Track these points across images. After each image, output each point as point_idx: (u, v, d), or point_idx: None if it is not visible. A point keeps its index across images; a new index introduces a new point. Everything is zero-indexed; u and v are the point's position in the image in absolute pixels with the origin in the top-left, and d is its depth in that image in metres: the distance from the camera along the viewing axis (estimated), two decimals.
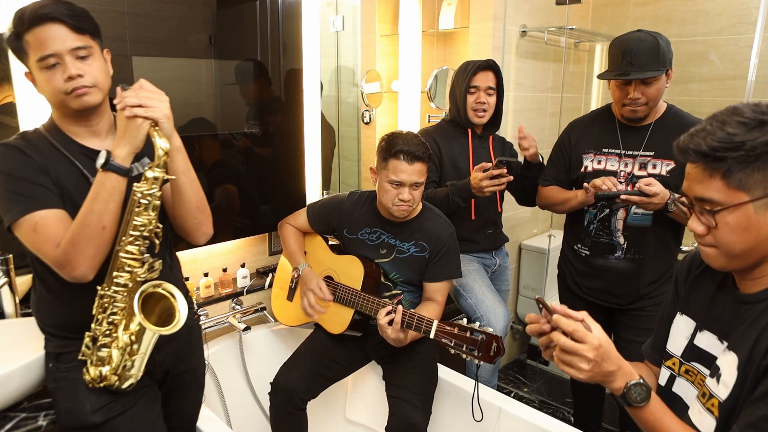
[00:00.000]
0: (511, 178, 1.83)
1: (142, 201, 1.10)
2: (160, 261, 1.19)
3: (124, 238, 1.11)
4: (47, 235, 1.08)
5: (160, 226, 1.15)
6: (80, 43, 1.09)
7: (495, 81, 2.05)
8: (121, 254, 1.12)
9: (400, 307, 1.58)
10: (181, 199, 1.22)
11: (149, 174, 1.09)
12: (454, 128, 2.13)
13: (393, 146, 1.65)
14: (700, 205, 0.90)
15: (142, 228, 1.11)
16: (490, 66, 2.05)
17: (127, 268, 1.12)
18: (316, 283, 1.82)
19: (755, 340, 0.89)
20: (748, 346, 0.89)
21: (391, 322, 1.57)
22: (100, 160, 1.06)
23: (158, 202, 1.12)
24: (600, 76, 1.77)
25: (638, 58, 1.65)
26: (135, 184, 1.10)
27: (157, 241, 1.14)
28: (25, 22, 1.06)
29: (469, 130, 2.11)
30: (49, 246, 1.08)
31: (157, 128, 1.09)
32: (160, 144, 1.09)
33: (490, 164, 1.84)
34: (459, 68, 2.11)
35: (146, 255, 1.14)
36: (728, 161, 0.84)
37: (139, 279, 1.14)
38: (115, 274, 1.13)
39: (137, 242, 1.12)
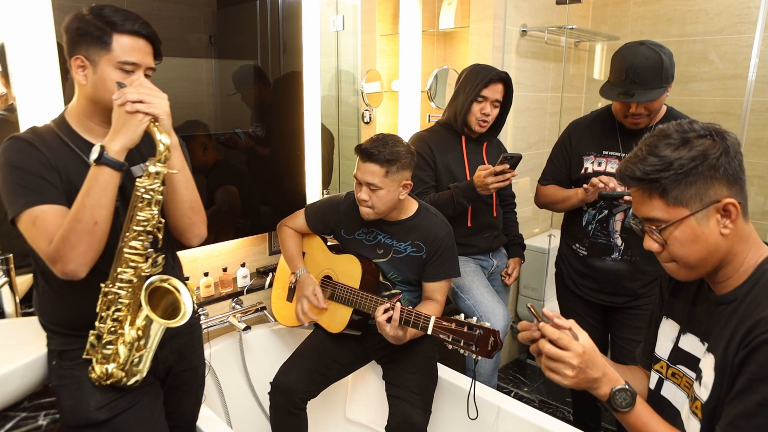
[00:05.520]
0: (516, 173, 1.85)
1: (144, 196, 1.11)
2: (163, 256, 1.20)
3: (127, 234, 1.12)
4: (44, 230, 1.09)
5: (163, 220, 1.16)
6: (153, 66, 1.20)
7: (503, 94, 2.02)
8: (125, 250, 1.13)
9: (398, 304, 1.58)
10: (175, 198, 1.23)
11: (152, 169, 1.10)
12: (447, 133, 2.09)
13: (362, 143, 1.68)
14: (648, 225, 0.96)
15: (145, 223, 1.12)
16: (503, 79, 2.00)
17: (132, 264, 1.13)
18: (312, 290, 1.82)
19: (728, 340, 0.91)
20: (722, 346, 0.92)
21: (389, 320, 1.57)
22: (93, 155, 1.06)
23: (160, 197, 1.13)
24: (602, 94, 1.74)
25: (642, 76, 1.64)
26: (138, 179, 1.11)
27: (160, 236, 1.15)
28: (125, 24, 1.11)
29: (463, 137, 2.07)
30: (43, 241, 1.09)
31: (157, 124, 1.10)
32: (162, 139, 1.10)
33: (490, 166, 1.84)
34: (470, 72, 2.03)
35: (150, 250, 1.15)
36: (661, 181, 0.90)
37: (143, 274, 1.15)
38: (119, 270, 1.13)
39: (140, 237, 1.13)
